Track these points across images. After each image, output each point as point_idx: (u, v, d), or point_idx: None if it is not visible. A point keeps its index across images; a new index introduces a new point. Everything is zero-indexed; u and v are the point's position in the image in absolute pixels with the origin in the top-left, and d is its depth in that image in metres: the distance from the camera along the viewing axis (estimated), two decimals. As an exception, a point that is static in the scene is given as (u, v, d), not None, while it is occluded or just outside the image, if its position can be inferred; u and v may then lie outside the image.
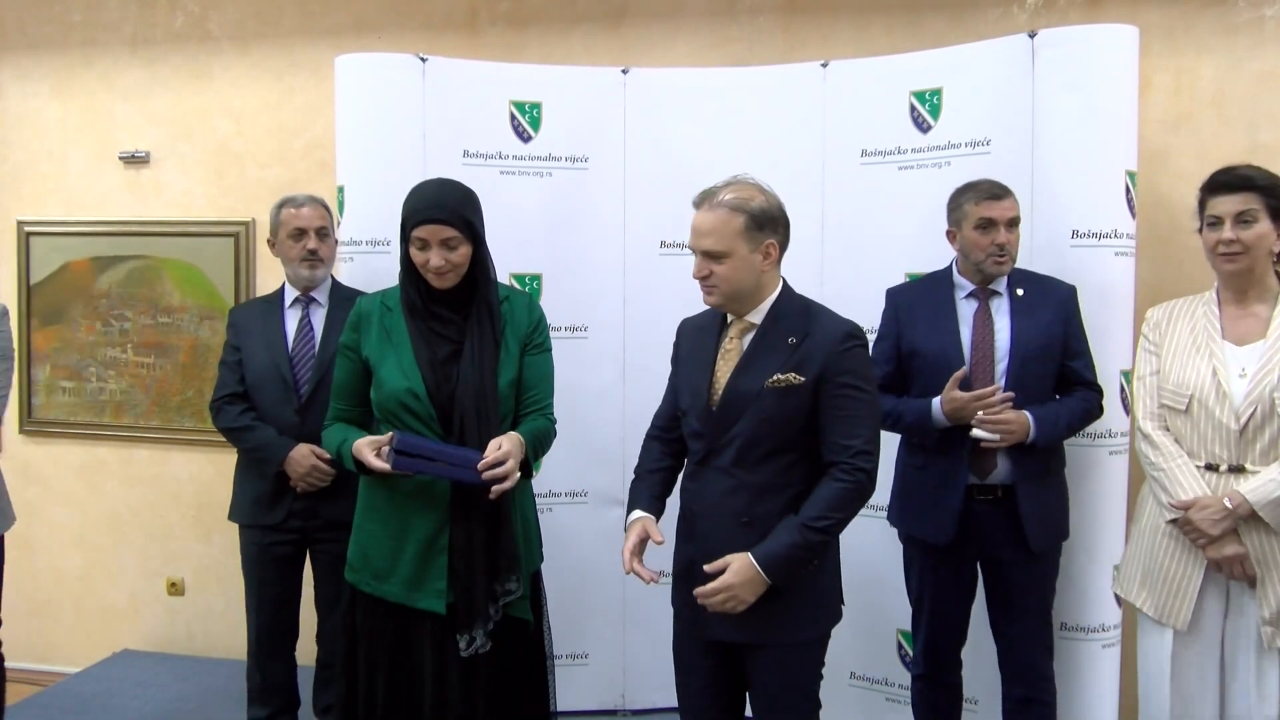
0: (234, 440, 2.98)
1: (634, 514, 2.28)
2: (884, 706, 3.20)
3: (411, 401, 2.23)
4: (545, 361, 2.39)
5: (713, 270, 2.12)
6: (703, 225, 2.12)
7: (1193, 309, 2.43)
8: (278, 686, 3.05)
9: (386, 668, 2.28)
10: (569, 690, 3.25)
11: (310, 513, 2.92)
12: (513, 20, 3.67)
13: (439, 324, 2.28)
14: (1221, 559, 2.27)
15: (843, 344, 2.11)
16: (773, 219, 2.13)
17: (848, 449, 2.07)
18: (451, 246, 2.22)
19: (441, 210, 2.21)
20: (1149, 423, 2.44)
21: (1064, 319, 2.60)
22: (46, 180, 4.05)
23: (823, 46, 3.41)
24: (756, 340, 2.16)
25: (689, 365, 2.27)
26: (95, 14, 3.97)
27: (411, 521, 2.26)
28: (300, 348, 2.96)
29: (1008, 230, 2.57)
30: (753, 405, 2.11)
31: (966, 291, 2.65)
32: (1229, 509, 2.24)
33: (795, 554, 2.05)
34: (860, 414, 2.10)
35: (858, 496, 2.09)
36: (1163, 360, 2.43)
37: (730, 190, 2.13)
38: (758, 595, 2.06)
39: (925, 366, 2.62)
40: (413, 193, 2.28)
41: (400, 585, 2.25)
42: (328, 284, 3.03)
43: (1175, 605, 2.36)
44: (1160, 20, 3.17)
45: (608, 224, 3.33)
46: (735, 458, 2.13)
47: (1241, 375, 2.29)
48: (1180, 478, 2.33)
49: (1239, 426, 2.26)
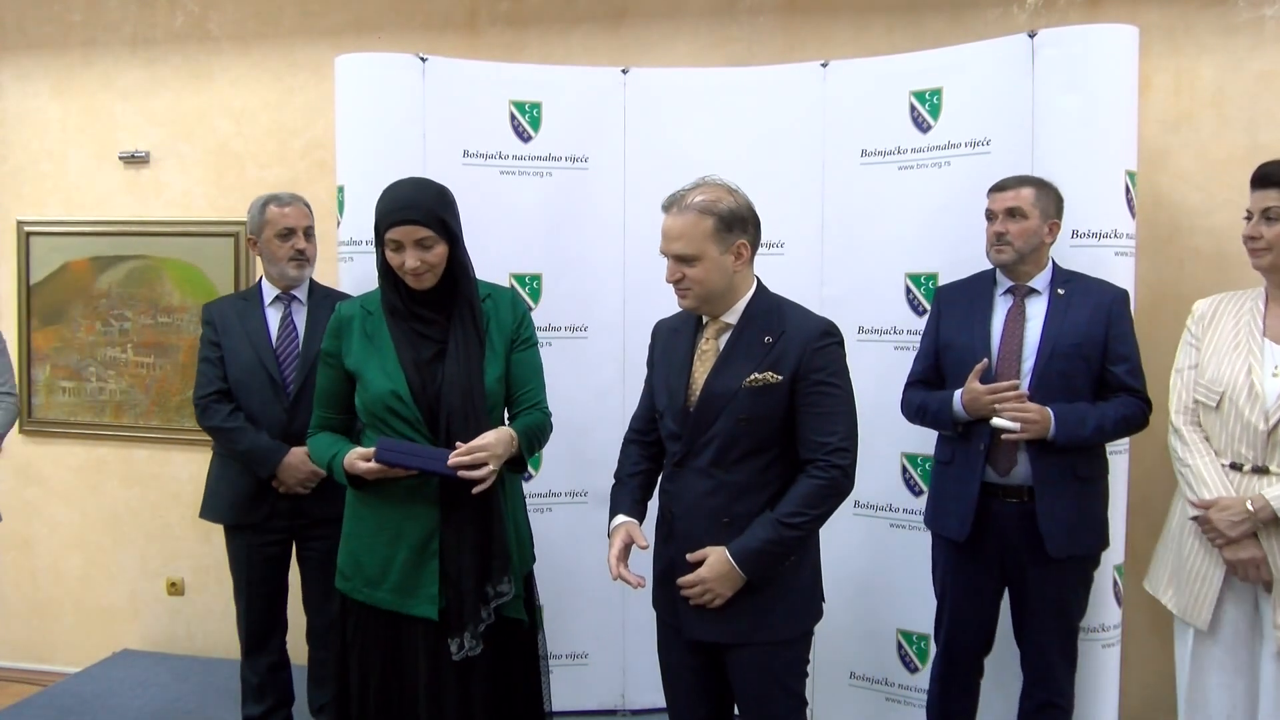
0: (224, 441, 2.94)
1: (616, 519, 2.28)
2: (884, 706, 3.20)
3: (396, 404, 2.21)
4: (534, 356, 2.38)
5: (685, 274, 2.13)
6: (672, 229, 2.13)
7: (1240, 304, 2.40)
8: (271, 684, 3.04)
9: (380, 675, 2.26)
10: (569, 690, 3.26)
11: (296, 511, 2.91)
12: (513, 20, 3.67)
13: (421, 325, 2.26)
14: (1237, 561, 2.26)
15: (817, 341, 2.12)
16: (742, 219, 2.14)
17: (823, 446, 2.09)
18: (426, 246, 2.20)
19: (414, 211, 2.19)
20: (1180, 417, 2.42)
21: (1105, 321, 2.52)
22: (46, 180, 4.05)
23: (822, 46, 3.41)
24: (732, 340, 2.17)
25: (665, 367, 2.28)
26: (95, 14, 3.97)
27: (402, 527, 2.24)
28: (285, 345, 2.94)
29: (1006, 219, 2.57)
30: (730, 405, 2.12)
31: (1005, 288, 2.64)
32: (1250, 512, 2.23)
33: (771, 549, 2.07)
34: (835, 410, 2.11)
35: (834, 493, 2.10)
36: (1202, 354, 2.40)
37: (699, 193, 2.13)
38: (734, 590, 2.08)
39: (953, 359, 2.64)
40: (384, 195, 2.26)
41: (392, 592, 2.24)
42: (306, 282, 3.03)
43: (1197, 605, 2.34)
44: (1160, 20, 3.17)
45: (608, 224, 3.33)
46: (713, 458, 2.14)
47: (1275, 373, 2.26)
48: (1205, 476, 2.32)
49: (1268, 427, 2.24)
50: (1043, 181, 2.63)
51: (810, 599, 2.22)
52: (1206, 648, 2.35)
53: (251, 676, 3.04)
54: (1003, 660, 2.73)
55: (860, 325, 3.11)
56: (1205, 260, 3.12)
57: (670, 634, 2.27)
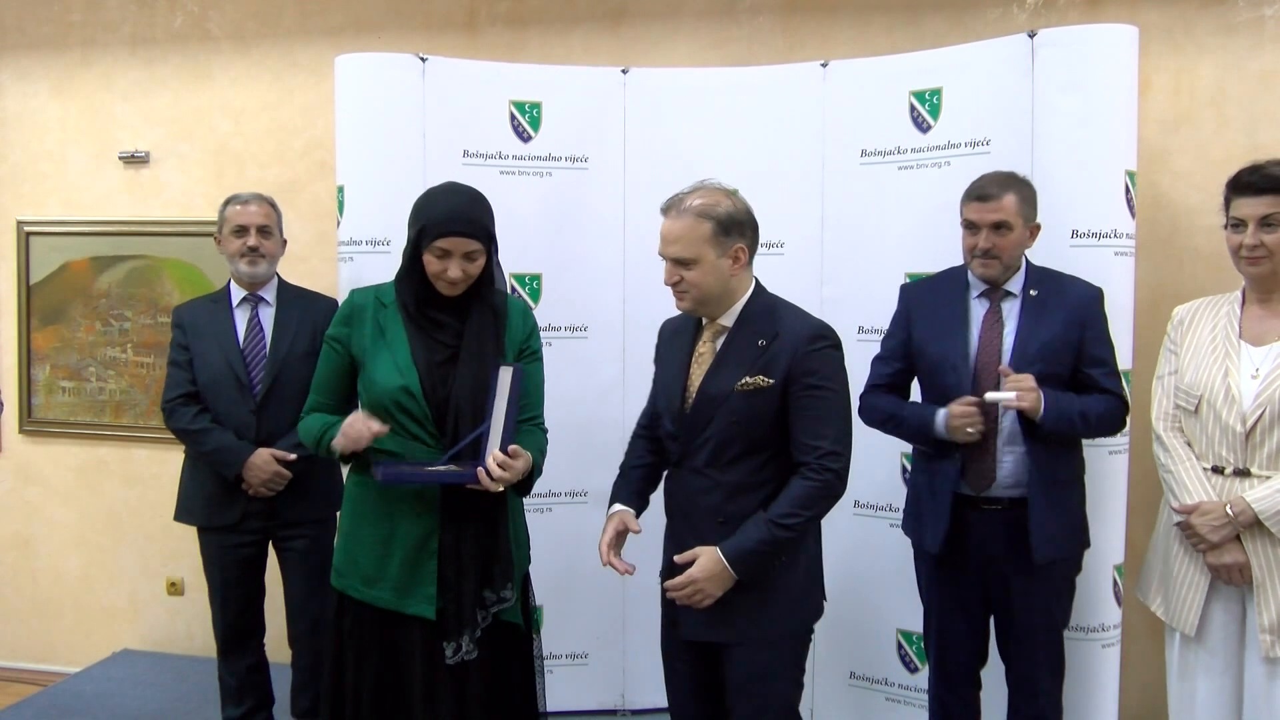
0: (190, 443, 2.96)
1: (613, 507, 2.31)
2: (884, 706, 3.20)
3: (406, 400, 2.19)
4: (538, 371, 2.38)
5: (683, 276, 2.15)
6: (670, 232, 2.15)
7: (1217, 308, 2.38)
8: (249, 685, 3.04)
9: (375, 674, 2.25)
10: (569, 690, 3.26)
11: (269, 512, 2.92)
12: (512, 20, 3.67)
13: (436, 328, 2.25)
14: (1220, 566, 2.25)
15: (809, 345, 2.12)
16: (739, 223, 2.15)
17: (815, 449, 2.09)
18: (472, 259, 2.19)
19: (468, 225, 2.17)
20: (1161, 423, 2.41)
21: (1080, 323, 2.45)
22: (46, 180, 4.05)
23: (822, 46, 3.41)
24: (727, 343, 2.19)
25: (665, 368, 2.31)
26: (95, 14, 3.97)
27: (400, 526, 2.23)
28: (252, 347, 2.94)
29: (992, 233, 2.44)
30: (724, 408, 2.13)
31: (978, 291, 2.54)
32: (1230, 516, 2.22)
33: (763, 549, 2.08)
34: (827, 414, 2.11)
35: (826, 495, 2.11)
36: (1181, 359, 2.39)
37: (697, 196, 2.15)
38: (725, 590, 2.09)
39: (929, 367, 2.56)
40: (433, 200, 2.23)
41: (389, 590, 2.22)
42: (274, 283, 3.02)
43: (1184, 610, 2.34)
44: (1160, 20, 3.17)
45: (607, 224, 3.33)
46: (709, 459, 2.16)
47: (1254, 376, 2.25)
48: (1187, 481, 2.31)
49: (1245, 429, 2.23)
50: (1021, 181, 2.52)
51: (806, 595, 2.22)
52: (1194, 653, 2.34)
53: (230, 678, 3.04)
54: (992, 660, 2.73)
55: (860, 325, 3.11)
56: (1205, 260, 3.12)
57: (669, 632, 2.28)
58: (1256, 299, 2.34)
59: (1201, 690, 2.33)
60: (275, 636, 3.13)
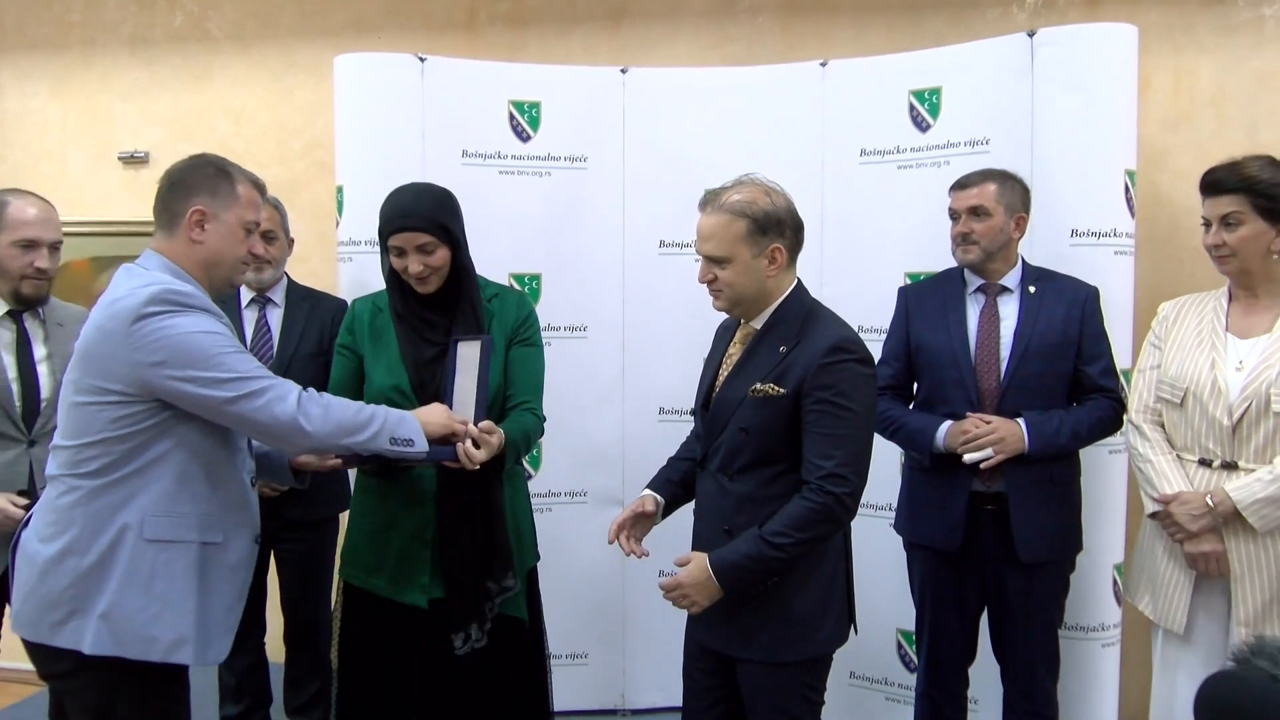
0: None
1: (643, 491, 2.26)
2: (884, 706, 3.20)
3: (397, 398, 2.24)
4: (533, 357, 2.38)
5: (716, 274, 2.05)
6: (704, 229, 2.05)
7: (1203, 304, 2.40)
8: (248, 684, 3.04)
9: (377, 663, 2.30)
10: (569, 690, 3.25)
11: (272, 514, 2.90)
12: (512, 20, 3.67)
13: (425, 327, 2.30)
14: (1198, 555, 2.25)
15: (826, 357, 1.97)
16: (778, 222, 2.03)
17: (819, 470, 1.95)
18: (428, 251, 2.22)
19: (413, 218, 2.22)
20: (1139, 415, 2.41)
21: (1079, 319, 2.49)
22: (46, 180, 4.03)
23: (822, 46, 3.40)
24: (751, 347, 2.10)
25: (706, 366, 2.25)
26: (95, 14, 3.97)
27: (397, 515, 2.28)
28: (259, 348, 2.93)
29: (970, 218, 2.52)
30: (735, 413, 2.06)
31: (974, 287, 2.59)
32: (1210, 506, 2.22)
33: (749, 565, 1.97)
34: (838, 433, 1.96)
35: (824, 519, 1.96)
36: (1165, 354, 2.39)
37: (735, 192, 2.04)
38: (712, 599, 2.01)
39: (929, 361, 2.59)
40: (387, 201, 2.29)
41: (387, 579, 2.28)
42: (283, 284, 3.01)
43: (1171, 610, 2.34)
44: (1160, 20, 3.17)
45: (607, 224, 3.32)
46: (721, 464, 2.09)
47: (1239, 368, 2.25)
48: (1166, 471, 2.31)
49: (1232, 422, 2.23)
50: (1005, 175, 2.57)
51: (822, 621, 2.07)
52: (1177, 650, 2.34)
53: (229, 677, 3.04)
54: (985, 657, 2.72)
55: (860, 325, 3.09)
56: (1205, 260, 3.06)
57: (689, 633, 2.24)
58: (1243, 295, 2.35)
59: (1181, 687, 2.32)
60: (274, 636, 3.13)
